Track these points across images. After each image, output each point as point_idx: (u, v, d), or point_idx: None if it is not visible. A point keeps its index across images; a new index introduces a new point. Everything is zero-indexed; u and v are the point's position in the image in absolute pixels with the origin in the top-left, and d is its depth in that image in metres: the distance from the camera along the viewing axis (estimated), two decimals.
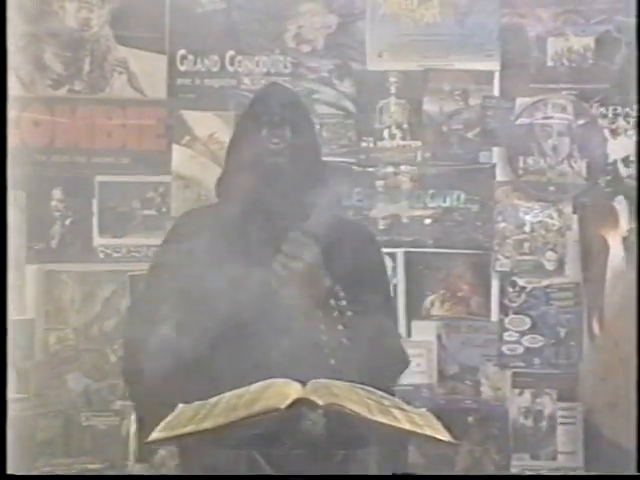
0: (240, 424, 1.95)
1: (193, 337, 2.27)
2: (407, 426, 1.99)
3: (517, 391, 3.47)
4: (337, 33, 3.53)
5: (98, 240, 3.47)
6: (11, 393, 3.41)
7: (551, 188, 3.51)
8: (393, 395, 2.17)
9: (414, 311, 3.46)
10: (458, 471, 3.41)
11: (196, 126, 3.50)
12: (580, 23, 3.50)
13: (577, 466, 3.45)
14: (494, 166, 3.52)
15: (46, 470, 3.32)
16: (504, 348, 3.47)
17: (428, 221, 3.47)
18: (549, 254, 3.50)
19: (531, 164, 3.51)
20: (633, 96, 3.47)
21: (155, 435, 2.04)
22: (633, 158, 3.44)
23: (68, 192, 3.46)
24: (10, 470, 3.34)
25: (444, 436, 2.03)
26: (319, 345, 2.31)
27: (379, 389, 2.12)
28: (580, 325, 3.46)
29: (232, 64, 3.51)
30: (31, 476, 3.00)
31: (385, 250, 3.34)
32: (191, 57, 3.50)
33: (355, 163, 3.48)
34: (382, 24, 3.53)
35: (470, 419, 3.40)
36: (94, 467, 3.36)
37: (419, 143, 3.51)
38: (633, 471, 2.70)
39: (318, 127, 3.43)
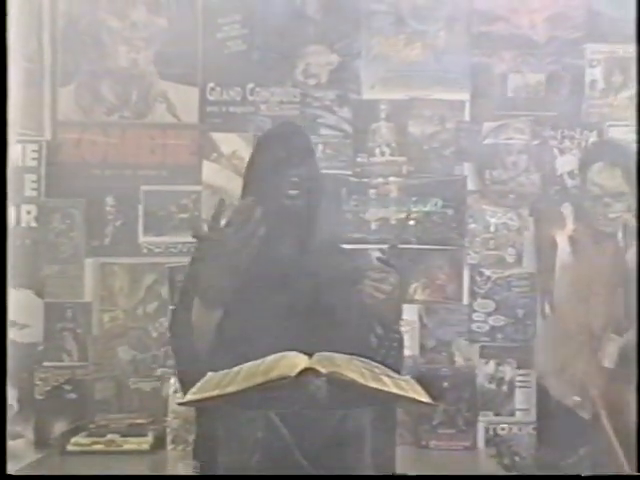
0: (258, 389, 1.95)
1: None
2: (394, 390, 1.98)
3: (484, 361, 3.46)
4: (338, 69, 3.53)
5: (142, 238, 3.48)
6: (73, 362, 3.44)
7: (512, 196, 3.50)
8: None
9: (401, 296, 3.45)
10: (435, 425, 3.40)
11: (222, 145, 3.49)
12: (534, 63, 3.50)
13: (531, 420, 3.45)
14: (466, 178, 3.51)
15: (103, 423, 3.32)
16: (473, 326, 3.47)
17: (412, 222, 3.46)
18: (510, 250, 3.49)
19: (496, 176, 3.51)
20: (577, 121, 3.50)
21: (188, 397, 2.04)
22: (577, 172, 3.43)
23: (118, 199, 3.47)
24: (73, 423, 3.37)
25: (424, 398, 2.01)
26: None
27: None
28: (535, 307, 3.45)
29: (252, 94, 3.50)
30: (31, 476, 2.91)
31: (376, 246, 3.38)
32: (218, 89, 3.50)
33: (352, 175, 3.47)
34: (374, 62, 3.52)
35: (445, 384, 3.38)
36: (140, 421, 3.34)
37: (404, 159, 3.50)
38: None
39: (322, 146, 3.45)
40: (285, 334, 2.20)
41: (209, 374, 2.08)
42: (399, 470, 2.36)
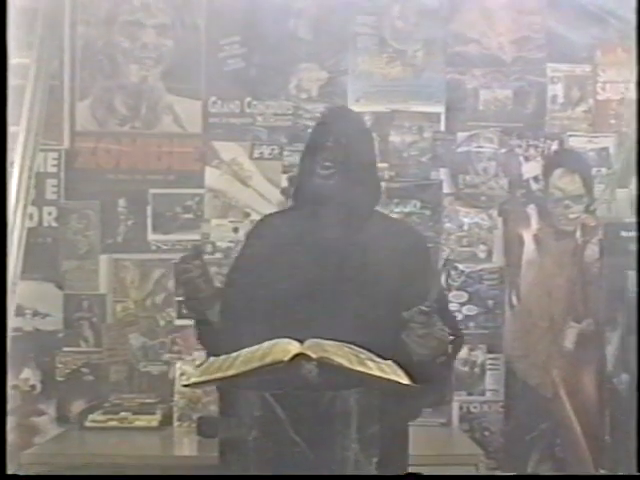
0: (255, 372, 1.95)
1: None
2: (377, 373, 1.96)
3: None
4: (327, 84, 3.53)
5: (151, 236, 3.48)
6: (90, 347, 3.45)
7: (483, 198, 3.51)
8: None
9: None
10: None
11: (223, 152, 3.50)
12: (502, 80, 3.52)
13: (499, 399, 3.45)
14: (441, 182, 3.51)
15: (117, 402, 3.34)
16: None
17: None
18: (481, 246, 3.49)
19: (468, 180, 3.51)
20: (540, 132, 3.51)
21: (193, 379, 2.04)
22: (540, 177, 3.45)
23: (130, 201, 3.48)
24: (90, 402, 3.38)
25: (405, 380, 2.01)
26: None
27: None
28: (503, 298, 3.44)
29: (249, 107, 3.51)
30: (31, 476, 2.87)
31: None
32: (219, 102, 3.50)
33: None
34: (360, 78, 3.53)
35: None
36: (149, 401, 3.35)
37: (386, 165, 3.48)
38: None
39: None
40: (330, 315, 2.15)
41: (211, 358, 2.08)
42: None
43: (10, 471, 2.78)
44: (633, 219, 3.32)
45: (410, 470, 2.35)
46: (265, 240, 2.35)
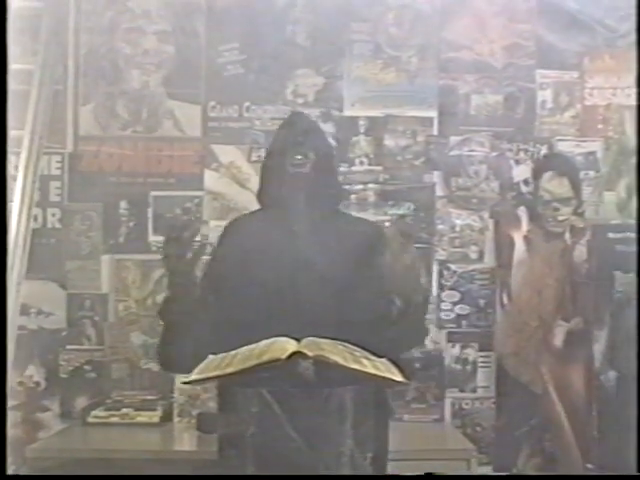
0: (253, 370, 1.95)
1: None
2: (372, 371, 1.98)
3: (450, 344, 3.47)
4: (323, 90, 3.53)
5: (152, 237, 3.47)
6: (92, 345, 3.45)
7: (474, 200, 3.52)
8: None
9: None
10: (408, 401, 3.42)
11: (221, 156, 3.50)
12: (494, 85, 3.53)
13: (491, 396, 3.46)
14: (434, 185, 3.52)
15: (118, 399, 3.35)
16: (441, 314, 3.47)
17: (388, 224, 3.47)
18: (473, 247, 3.50)
19: (460, 183, 3.52)
20: (530, 136, 3.52)
21: (192, 377, 2.04)
22: (530, 180, 3.45)
23: (131, 203, 3.47)
24: (92, 399, 3.38)
25: (399, 377, 2.01)
26: None
27: None
28: (494, 298, 3.44)
29: (247, 111, 3.51)
30: (31, 476, 2.87)
31: None
32: (218, 106, 3.51)
33: None
34: (355, 83, 3.53)
35: (417, 365, 3.39)
36: (150, 397, 3.36)
37: (381, 168, 3.51)
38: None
39: None
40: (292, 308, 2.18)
41: (210, 357, 2.08)
42: None
43: (15, 465, 2.80)
44: (620, 221, 3.36)
45: (403, 465, 2.37)
46: (235, 245, 2.37)
